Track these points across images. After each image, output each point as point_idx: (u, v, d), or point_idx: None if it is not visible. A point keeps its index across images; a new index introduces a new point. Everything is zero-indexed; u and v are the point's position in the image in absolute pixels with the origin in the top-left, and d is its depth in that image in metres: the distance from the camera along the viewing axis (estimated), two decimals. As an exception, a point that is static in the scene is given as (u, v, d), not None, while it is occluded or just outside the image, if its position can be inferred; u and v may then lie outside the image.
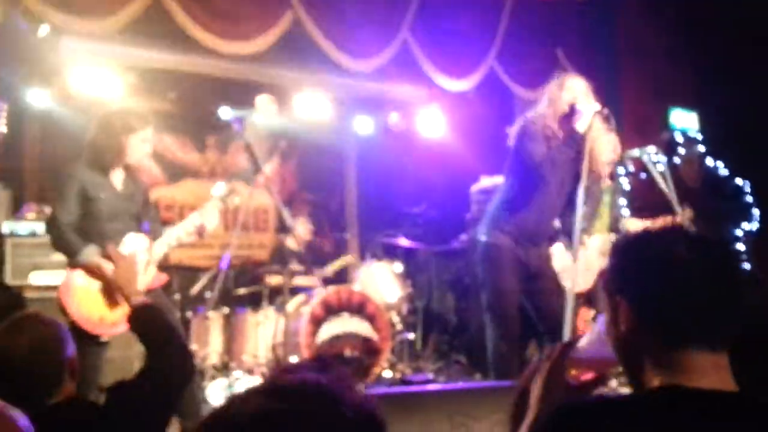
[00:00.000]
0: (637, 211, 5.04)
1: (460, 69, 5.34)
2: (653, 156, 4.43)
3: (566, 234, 3.96)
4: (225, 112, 6.08)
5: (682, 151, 5.84)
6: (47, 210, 4.54)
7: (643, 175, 5.20)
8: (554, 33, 5.74)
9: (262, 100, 6.11)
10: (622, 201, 5.03)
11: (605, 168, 3.81)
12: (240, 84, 5.97)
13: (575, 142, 3.53)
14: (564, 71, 4.00)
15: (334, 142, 6.92)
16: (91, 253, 3.36)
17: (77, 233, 3.43)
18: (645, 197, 5.23)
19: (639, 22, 6.00)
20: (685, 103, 6.08)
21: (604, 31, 5.94)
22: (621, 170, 5.30)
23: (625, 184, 5.39)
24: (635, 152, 4.57)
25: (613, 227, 4.49)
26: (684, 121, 6.05)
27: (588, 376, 1.43)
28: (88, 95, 5.40)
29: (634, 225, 4.27)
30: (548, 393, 1.37)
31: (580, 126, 3.49)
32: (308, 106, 6.25)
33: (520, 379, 1.79)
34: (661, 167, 4.21)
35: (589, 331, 1.42)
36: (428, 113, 6.55)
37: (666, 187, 4.17)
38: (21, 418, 1.40)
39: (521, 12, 5.54)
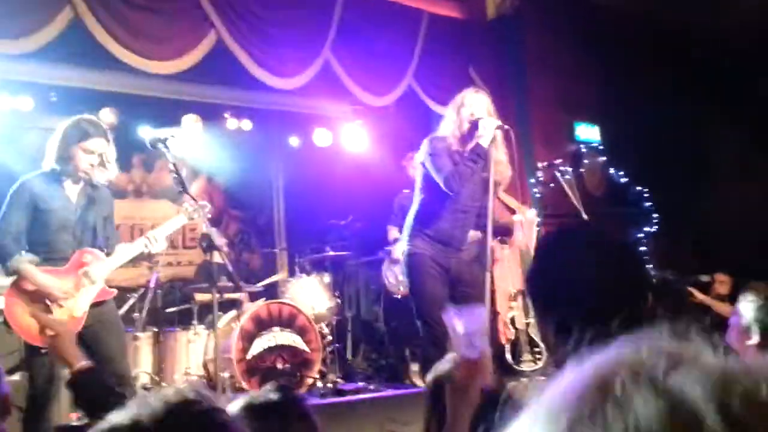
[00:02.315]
0: (548, 218, 5.37)
1: (380, 86, 5.56)
2: (560, 167, 4.73)
3: None
4: (147, 132, 6.08)
5: (586, 162, 6.25)
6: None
7: (552, 185, 5.57)
8: (466, 50, 6.04)
9: (188, 119, 6.14)
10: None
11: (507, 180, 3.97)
12: (166, 102, 5.99)
13: (479, 156, 3.70)
14: (476, 87, 4.16)
15: (261, 159, 7.01)
16: (21, 260, 3.33)
17: (27, 243, 3.40)
18: (554, 205, 5.60)
19: (546, 40, 6.38)
20: (588, 117, 6.51)
21: (513, 48, 6.28)
22: (532, 180, 5.62)
23: (536, 193, 5.72)
24: (543, 165, 4.85)
25: None
26: (587, 134, 6.48)
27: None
28: (4, 114, 5.30)
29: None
30: (462, 402, 1.48)
31: (483, 141, 3.67)
32: (234, 123, 6.33)
33: (430, 385, 1.95)
34: (567, 177, 4.52)
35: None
36: (352, 128, 6.75)
37: (573, 195, 4.46)
38: None
39: (436, 31, 5.83)
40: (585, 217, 4.51)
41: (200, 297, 5.25)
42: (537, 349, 5.33)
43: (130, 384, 3.56)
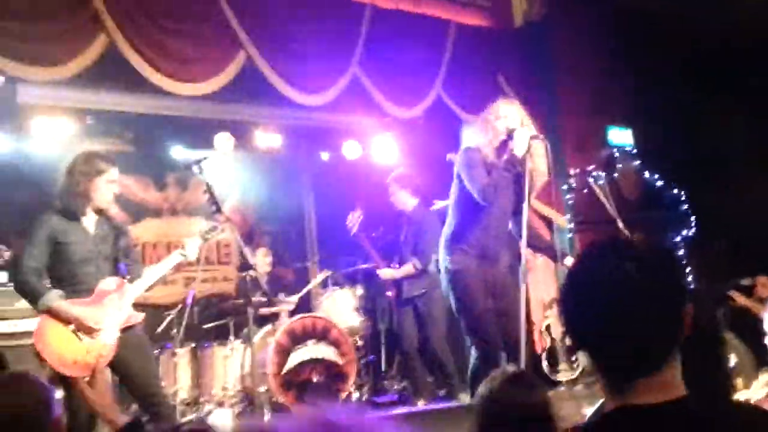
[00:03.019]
0: (581, 225, 5.31)
1: (408, 97, 5.57)
2: (593, 173, 4.67)
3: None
4: (180, 152, 6.21)
5: (619, 166, 6.16)
6: (5, 254, 4.57)
7: (585, 191, 5.50)
8: (495, 59, 6.02)
9: (220, 138, 6.25)
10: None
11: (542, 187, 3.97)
12: (197, 122, 6.10)
13: (514, 166, 3.72)
14: (505, 96, 4.13)
15: (291, 174, 7.08)
16: (53, 298, 3.43)
17: (51, 279, 3.51)
18: (587, 212, 5.52)
19: (575, 45, 6.32)
20: (621, 120, 6.42)
21: (542, 54, 6.23)
22: (564, 187, 5.56)
23: (569, 200, 5.65)
24: (576, 171, 4.79)
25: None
26: (620, 137, 6.39)
27: None
28: (45, 139, 5.46)
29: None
30: None
31: (518, 150, 3.68)
32: (265, 140, 6.41)
33: (483, 401, 1.94)
34: (600, 183, 4.46)
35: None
36: (381, 141, 6.77)
37: (607, 201, 4.40)
38: None
39: (463, 41, 5.82)
40: (620, 223, 4.44)
41: (236, 312, 5.33)
42: (573, 358, 5.26)
43: (161, 402, 3.63)
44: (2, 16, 4.02)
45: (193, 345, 5.13)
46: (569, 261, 4.07)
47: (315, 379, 4.79)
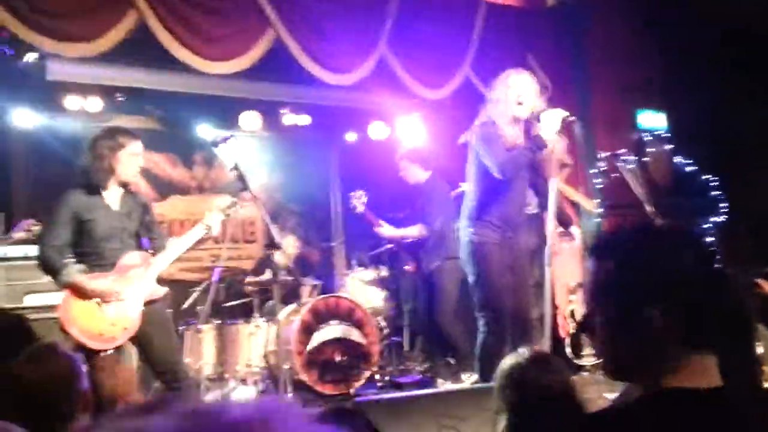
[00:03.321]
0: (610, 210, 5.23)
1: (436, 78, 5.51)
2: (622, 157, 4.60)
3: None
4: (208, 131, 6.25)
5: (650, 150, 6.05)
6: (35, 229, 4.66)
7: (614, 175, 5.42)
8: (525, 39, 5.92)
9: (247, 116, 6.26)
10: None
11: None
12: (225, 101, 6.11)
13: (539, 147, 3.64)
14: (519, 69, 4.03)
15: (318, 154, 7.08)
16: (71, 273, 3.49)
17: (75, 255, 3.56)
18: (616, 196, 5.44)
19: (607, 26, 6.19)
20: (653, 104, 6.29)
21: (573, 35, 6.12)
22: (593, 171, 5.48)
23: (598, 183, 5.58)
24: (605, 155, 4.73)
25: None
26: (652, 121, 6.26)
27: None
28: (75, 116, 5.52)
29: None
30: None
31: (547, 133, 3.60)
32: (291, 119, 6.41)
33: (505, 380, 1.93)
34: (630, 167, 4.38)
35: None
36: (409, 122, 6.72)
37: (636, 185, 4.33)
38: None
39: (493, 20, 5.72)
40: (649, 208, 4.36)
41: (260, 290, 5.37)
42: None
43: (182, 377, 3.69)
44: (34, -8, 4.05)
45: (218, 322, 5.18)
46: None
47: (338, 359, 4.81)
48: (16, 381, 1.93)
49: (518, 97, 3.68)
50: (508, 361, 2.01)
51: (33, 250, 4.39)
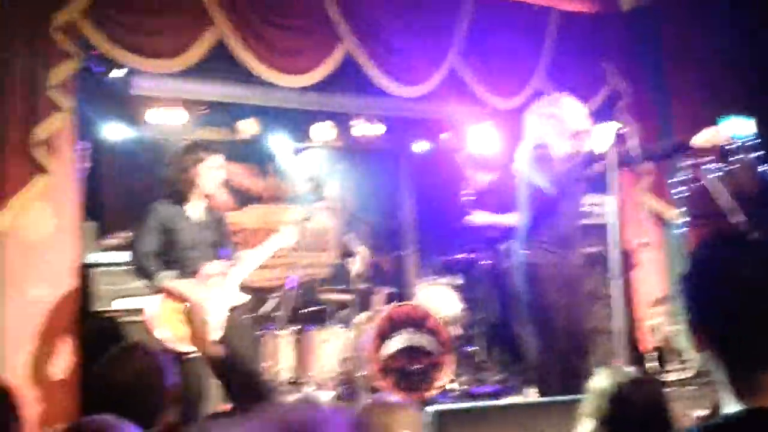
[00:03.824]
0: (694, 220, 5.05)
1: (509, 88, 5.46)
2: (706, 165, 4.45)
3: None
4: (283, 142, 6.41)
5: (736, 158, 5.80)
6: (125, 237, 4.90)
7: (698, 183, 5.23)
8: (600, 45, 5.80)
9: (320, 127, 6.38)
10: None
11: None
12: (298, 113, 6.24)
13: (590, 163, 3.72)
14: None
15: (390, 163, 7.13)
16: (164, 278, 3.69)
17: (160, 261, 3.74)
18: (701, 205, 5.24)
19: (686, 29, 5.97)
20: (737, 109, 6.02)
21: (650, 40, 5.93)
22: (676, 180, 5.32)
23: (680, 192, 5.40)
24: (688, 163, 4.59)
25: None
26: (737, 128, 5.99)
27: None
28: (160, 129, 5.76)
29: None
30: None
31: (600, 147, 3.64)
32: (363, 130, 6.49)
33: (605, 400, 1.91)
34: (715, 175, 4.23)
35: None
36: (481, 130, 6.69)
37: (721, 194, 4.18)
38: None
39: (566, 28, 5.64)
40: (735, 218, 4.19)
41: (334, 298, 5.44)
42: (683, 359, 5.02)
43: (261, 381, 3.80)
44: (121, 10, 4.27)
45: (295, 328, 5.29)
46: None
47: (412, 367, 4.82)
48: (104, 379, 2.01)
49: (574, 118, 3.77)
50: (603, 377, 1.98)
51: (122, 256, 4.62)
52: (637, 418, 1.88)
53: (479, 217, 5.43)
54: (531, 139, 3.89)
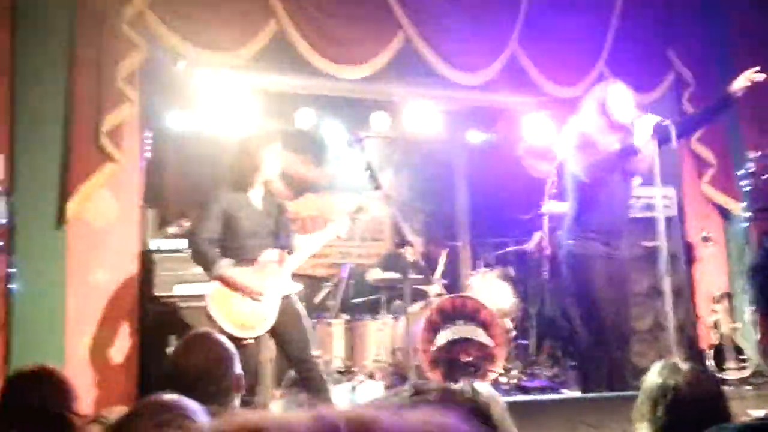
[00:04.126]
0: (760, 213, 4.87)
1: (570, 76, 5.34)
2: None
3: None
4: (341, 131, 6.46)
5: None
6: (184, 224, 5.03)
7: (763, 177, 5.03)
8: (665, 33, 5.61)
9: (377, 117, 6.39)
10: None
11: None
12: (356, 102, 6.28)
13: (630, 152, 3.68)
14: (615, 79, 4.09)
15: (445, 153, 7.10)
16: (224, 266, 3.76)
17: (220, 249, 3.83)
18: (766, 199, 5.05)
19: (754, 17, 5.72)
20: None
21: (717, 28, 5.70)
22: (741, 172, 5.13)
23: (746, 185, 5.21)
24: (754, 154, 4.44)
25: None
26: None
27: None
28: (221, 119, 5.90)
29: None
30: None
31: (638, 140, 3.62)
32: (419, 119, 6.48)
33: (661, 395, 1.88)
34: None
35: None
36: (536, 120, 6.58)
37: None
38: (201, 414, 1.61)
39: (630, 13, 5.46)
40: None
41: (388, 287, 5.48)
42: (742, 357, 4.86)
43: (313, 368, 3.85)
44: (185, 3, 4.37)
45: (347, 317, 5.35)
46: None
47: (464, 359, 4.82)
48: (175, 367, 2.09)
49: (612, 106, 3.75)
50: (659, 373, 1.94)
51: (182, 243, 4.75)
52: (693, 417, 1.83)
53: (552, 207, 5.37)
54: (575, 126, 3.88)
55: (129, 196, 4.25)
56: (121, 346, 4.09)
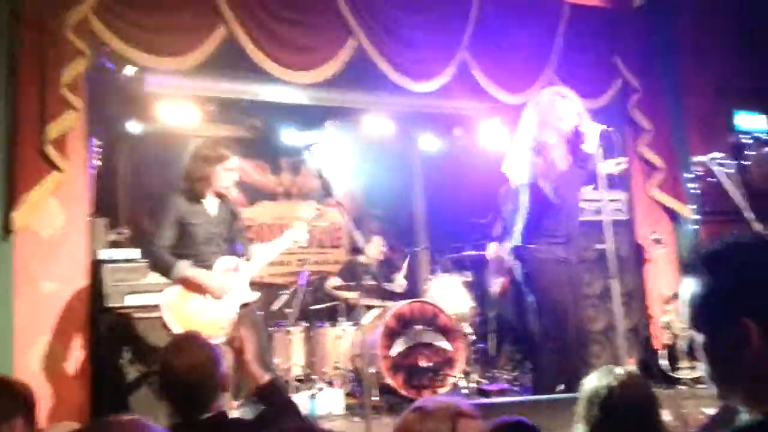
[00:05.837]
0: (707, 216, 5.01)
1: (519, 83, 5.42)
2: (719, 160, 4.44)
3: None
4: (294, 137, 6.42)
5: (751, 153, 5.74)
6: (134, 231, 4.92)
7: (711, 180, 5.18)
8: (611, 40, 5.75)
9: (331, 124, 6.37)
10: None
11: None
12: (309, 108, 6.24)
13: (585, 162, 3.82)
14: (558, 90, 4.21)
15: (400, 160, 7.12)
16: (183, 267, 3.72)
17: (175, 256, 3.76)
18: (714, 202, 5.20)
19: (698, 25, 5.91)
20: (750, 104, 5.96)
21: (662, 35, 5.87)
22: (688, 175, 5.28)
23: (693, 189, 5.36)
24: (700, 158, 4.58)
25: None
26: (751, 123, 5.93)
27: None
28: (172, 126, 5.78)
29: None
30: None
31: (588, 147, 3.76)
32: (374, 126, 6.48)
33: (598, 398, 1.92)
34: (728, 171, 4.21)
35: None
36: (490, 126, 6.66)
37: (734, 190, 4.15)
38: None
39: (577, 22, 5.58)
40: (748, 214, 4.15)
41: (346, 294, 5.45)
42: (695, 356, 4.98)
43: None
44: (132, 8, 4.28)
45: (306, 324, 5.30)
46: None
47: (423, 364, 4.82)
48: (165, 368, 2.11)
49: (572, 119, 3.87)
50: (596, 377, 2.00)
51: (134, 253, 4.64)
52: (623, 418, 1.90)
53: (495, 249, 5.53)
54: (526, 136, 3.94)
55: (77, 205, 4.13)
56: (73, 357, 3.97)
